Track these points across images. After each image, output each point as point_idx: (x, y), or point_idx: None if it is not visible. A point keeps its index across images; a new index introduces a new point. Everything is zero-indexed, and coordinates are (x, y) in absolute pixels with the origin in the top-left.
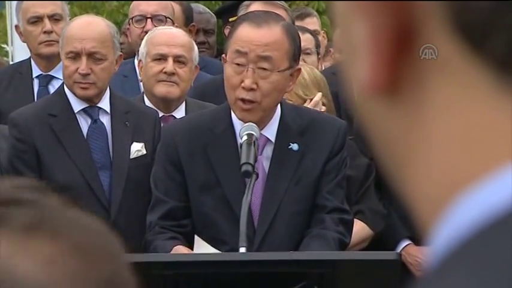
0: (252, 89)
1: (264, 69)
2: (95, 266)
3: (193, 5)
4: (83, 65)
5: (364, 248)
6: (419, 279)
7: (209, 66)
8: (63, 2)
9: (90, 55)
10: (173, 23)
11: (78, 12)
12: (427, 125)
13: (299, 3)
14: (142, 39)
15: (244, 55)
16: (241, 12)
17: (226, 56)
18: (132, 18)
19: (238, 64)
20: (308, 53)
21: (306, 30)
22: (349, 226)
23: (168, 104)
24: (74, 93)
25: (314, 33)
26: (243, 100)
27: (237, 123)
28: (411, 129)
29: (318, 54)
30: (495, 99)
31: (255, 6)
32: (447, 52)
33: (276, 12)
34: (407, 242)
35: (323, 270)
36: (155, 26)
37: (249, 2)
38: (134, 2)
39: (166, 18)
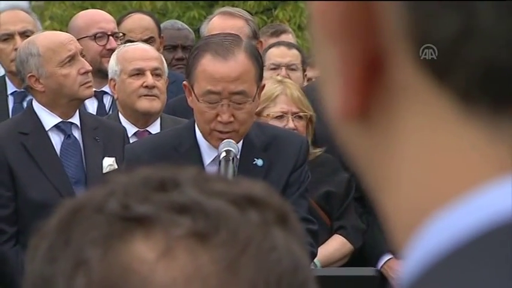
0: (229, 122)
1: (238, 103)
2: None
3: (172, 21)
4: (85, 64)
5: (345, 262)
6: None
7: (179, 82)
8: (35, 18)
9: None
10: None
11: (58, 27)
12: (396, 152)
13: (282, 18)
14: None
15: (217, 94)
16: (204, 25)
17: (190, 85)
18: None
19: (210, 102)
20: (293, 69)
21: (293, 45)
22: (316, 236)
23: (149, 118)
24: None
25: (301, 49)
26: (221, 131)
27: (202, 142)
28: (383, 156)
29: (304, 70)
30: (460, 128)
31: (216, 19)
32: (413, 82)
33: (236, 23)
34: (389, 256)
35: None
36: None
37: (211, 15)
38: None
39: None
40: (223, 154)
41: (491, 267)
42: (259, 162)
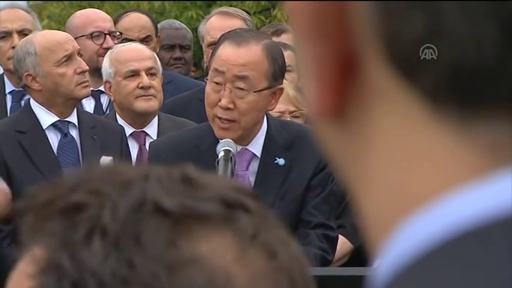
0: (228, 108)
1: (241, 89)
2: None
3: (170, 20)
4: (82, 63)
5: (344, 262)
6: None
7: (175, 81)
8: (35, 17)
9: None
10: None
11: (56, 26)
12: (370, 152)
13: (280, 18)
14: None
15: (221, 74)
16: (202, 25)
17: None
18: None
19: (216, 83)
20: (289, 70)
21: (288, 47)
22: (333, 243)
23: (146, 118)
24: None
25: None
26: (221, 118)
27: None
28: (358, 156)
29: None
30: (430, 129)
31: (214, 19)
32: (385, 82)
33: (233, 23)
34: None
35: None
36: None
37: (209, 15)
38: None
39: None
40: (222, 154)
41: (461, 271)
42: (281, 161)
